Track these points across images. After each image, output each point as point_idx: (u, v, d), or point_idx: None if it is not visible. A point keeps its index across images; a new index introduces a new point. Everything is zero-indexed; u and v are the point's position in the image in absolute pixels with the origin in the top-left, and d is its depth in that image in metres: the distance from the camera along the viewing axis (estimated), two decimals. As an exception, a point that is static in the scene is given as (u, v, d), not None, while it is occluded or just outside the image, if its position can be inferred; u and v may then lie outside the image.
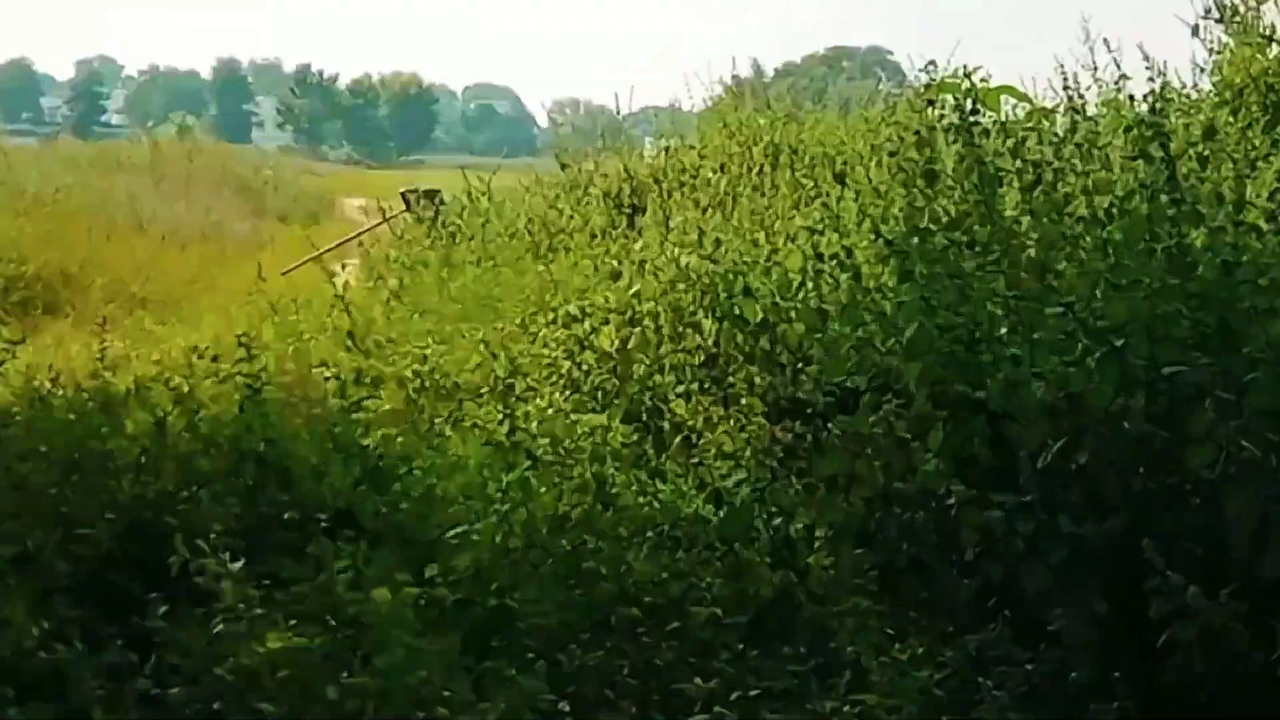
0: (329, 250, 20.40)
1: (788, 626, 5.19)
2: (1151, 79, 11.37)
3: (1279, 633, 3.99)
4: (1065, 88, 10.76)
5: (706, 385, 8.78)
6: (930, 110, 8.74)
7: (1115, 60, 10.36)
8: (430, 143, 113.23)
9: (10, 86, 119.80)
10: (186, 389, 7.37)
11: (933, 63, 8.82)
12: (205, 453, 6.31)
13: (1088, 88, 11.31)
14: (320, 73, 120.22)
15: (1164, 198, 5.95)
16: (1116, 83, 10.95)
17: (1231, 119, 10.59)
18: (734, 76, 20.54)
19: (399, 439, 7.49)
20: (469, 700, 4.22)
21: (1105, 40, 10.66)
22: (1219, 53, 13.86)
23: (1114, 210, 6.78)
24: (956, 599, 5.25)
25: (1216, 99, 12.13)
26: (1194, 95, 12.49)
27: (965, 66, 8.26)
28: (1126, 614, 4.70)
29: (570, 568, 5.34)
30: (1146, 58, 11.84)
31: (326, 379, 9.11)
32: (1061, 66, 10.85)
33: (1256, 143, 9.21)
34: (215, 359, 8.22)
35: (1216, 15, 15.59)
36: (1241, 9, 15.51)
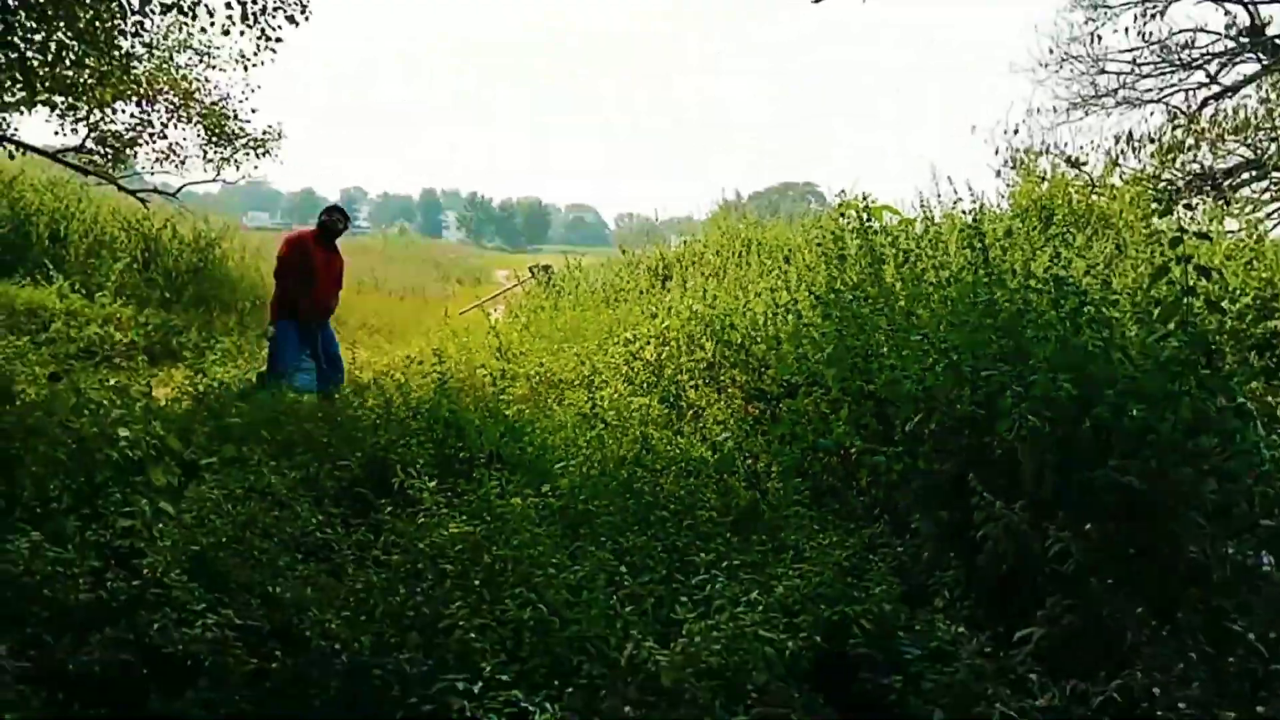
0: (486, 301, 20.45)
1: (755, 524, 5.18)
2: (974, 201, 11.35)
3: (1050, 530, 3.92)
4: (922, 206, 10.71)
5: (707, 381, 8.77)
6: (841, 219, 8.70)
7: (954, 190, 10.28)
8: (545, 238, 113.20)
9: (294, 205, 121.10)
10: (403, 380, 7.43)
11: (843, 191, 8.83)
12: (413, 418, 6.33)
13: (936, 207, 11.30)
14: (483, 196, 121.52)
15: (980, 272, 5.90)
16: (954, 204, 10.86)
17: (1020, 224, 10.55)
18: (724, 199, 20.66)
19: (527, 411, 7.51)
20: (566, 564, 4.22)
21: (949, 178, 10.60)
22: (1012, 186, 13.85)
23: (951, 279, 6.73)
24: (856, 509, 5.22)
25: (1012, 214, 12.09)
26: (998, 211, 12.45)
27: (863, 194, 8.24)
28: (959, 519, 4.65)
29: (627, 487, 5.34)
30: (970, 189, 11.90)
31: (485, 375, 9.16)
32: (921, 194, 10.88)
33: (1036, 239, 9.13)
34: (420, 363, 8.28)
35: (1011, 164, 15.55)
36: (1025, 160, 15.49)
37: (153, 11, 8.99)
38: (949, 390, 4.67)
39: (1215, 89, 17.25)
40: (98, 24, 8.82)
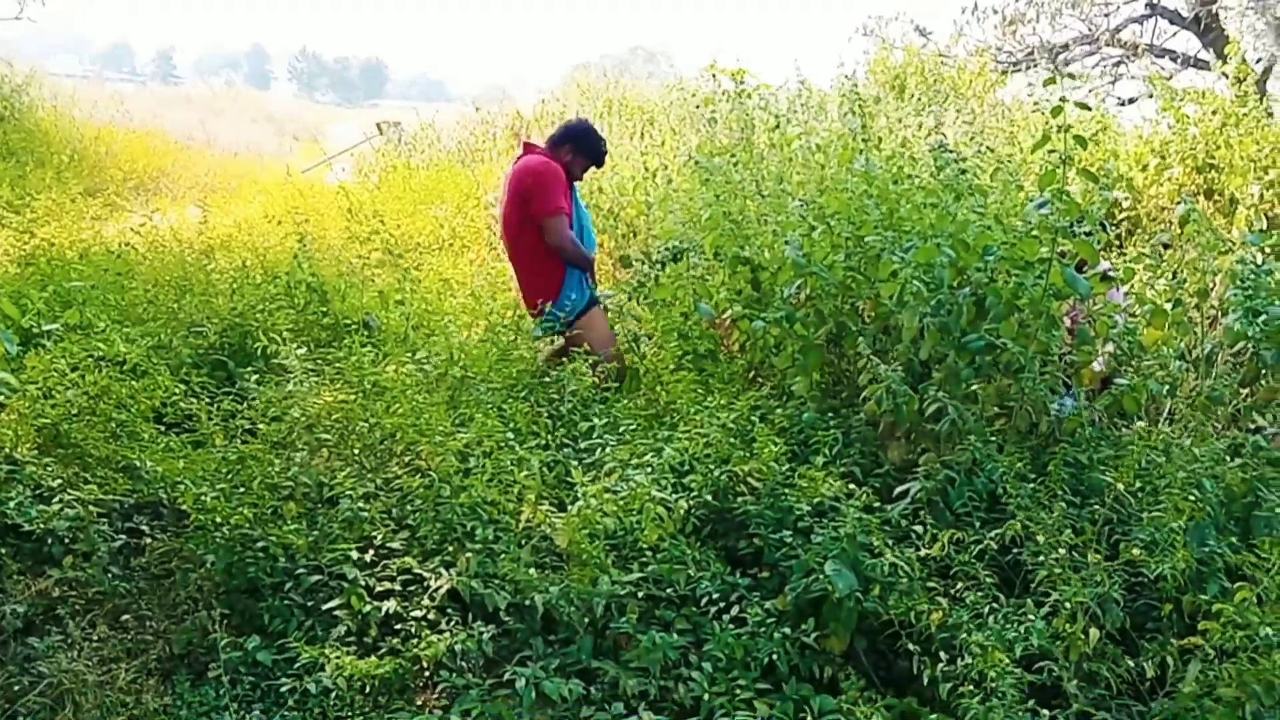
0: (335, 156, 19.35)
1: (638, 389, 5.17)
2: (839, 67, 11.40)
3: (927, 391, 4.05)
4: (797, 69, 10.53)
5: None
6: (714, 80, 8.52)
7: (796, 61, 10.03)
8: (383, 93, 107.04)
9: (104, 53, 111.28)
10: (256, 241, 6.99)
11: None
12: (271, 282, 5.94)
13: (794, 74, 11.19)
14: (313, 51, 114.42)
15: (859, 137, 5.91)
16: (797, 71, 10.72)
17: (886, 95, 10.66)
18: (586, 63, 20.14)
19: (384, 276, 7.19)
20: (451, 430, 4.11)
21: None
22: (867, 54, 13.99)
23: (818, 146, 6.72)
24: (736, 373, 5.23)
25: (872, 82, 12.23)
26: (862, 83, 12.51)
27: (736, 58, 8.07)
28: (832, 380, 4.76)
29: (506, 355, 5.19)
30: (841, 64, 11.90)
31: (339, 239, 8.74)
32: (796, 60, 10.74)
33: (902, 109, 9.24)
34: (280, 222, 7.77)
35: (863, 31, 15.71)
36: (876, 26, 15.70)
37: None
38: (826, 254, 4.69)
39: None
40: None
